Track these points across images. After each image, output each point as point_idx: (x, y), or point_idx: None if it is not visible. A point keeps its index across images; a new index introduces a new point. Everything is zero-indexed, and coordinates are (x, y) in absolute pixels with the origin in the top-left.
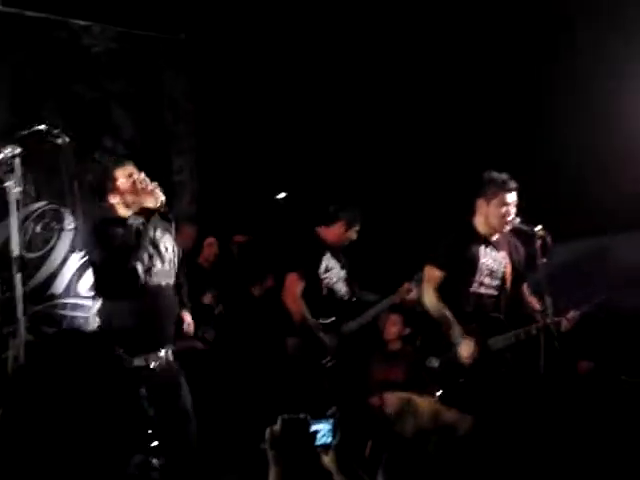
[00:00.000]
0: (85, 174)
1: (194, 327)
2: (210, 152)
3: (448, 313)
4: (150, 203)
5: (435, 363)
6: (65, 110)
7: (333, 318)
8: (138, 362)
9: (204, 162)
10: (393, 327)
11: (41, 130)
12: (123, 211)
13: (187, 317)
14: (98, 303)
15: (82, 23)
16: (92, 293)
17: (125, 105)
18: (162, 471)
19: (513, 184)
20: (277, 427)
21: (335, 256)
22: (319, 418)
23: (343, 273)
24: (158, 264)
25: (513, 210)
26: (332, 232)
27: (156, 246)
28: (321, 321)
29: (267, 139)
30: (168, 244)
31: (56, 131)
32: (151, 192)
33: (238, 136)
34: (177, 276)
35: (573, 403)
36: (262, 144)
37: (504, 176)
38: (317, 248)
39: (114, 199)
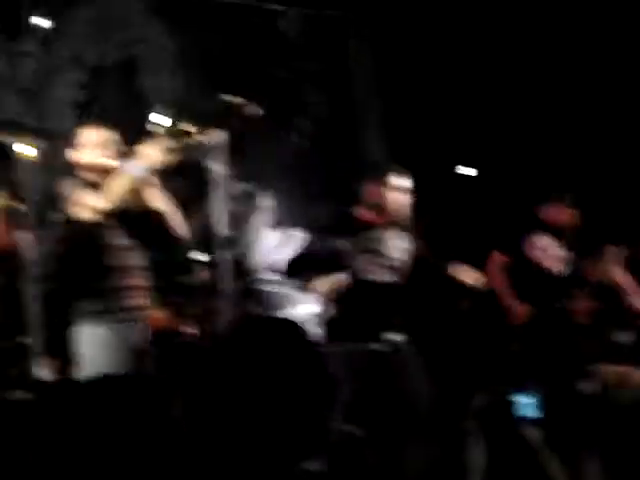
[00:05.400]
0: (279, 153)
1: None
2: (398, 128)
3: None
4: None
5: (624, 337)
6: (261, 91)
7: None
8: (373, 346)
9: (393, 138)
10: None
11: (237, 103)
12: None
13: None
14: None
15: (276, 7)
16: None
17: (317, 85)
18: (363, 442)
19: None
20: (482, 400)
21: (554, 235)
22: (523, 392)
23: (561, 253)
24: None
25: None
26: (545, 210)
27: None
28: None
29: (456, 113)
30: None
31: (250, 103)
32: None
33: (426, 112)
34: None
35: None
36: (451, 119)
37: None
38: (530, 227)
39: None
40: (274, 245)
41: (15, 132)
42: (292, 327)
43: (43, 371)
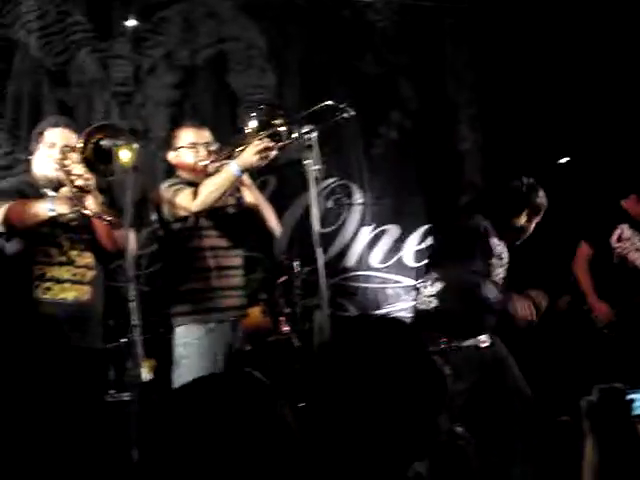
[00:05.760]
0: (371, 148)
1: None
2: (493, 120)
3: None
4: None
5: None
6: (352, 86)
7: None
8: (467, 342)
9: (488, 130)
10: None
11: (329, 105)
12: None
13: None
14: (436, 286)
15: (365, 0)
16: (383, 265)
17: (410, 77)
18: (467, 440)
19: None
20: (593, 397)
21: (636, 227)
22: (635, 388)
23: None
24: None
25: None
26: (629, 203)
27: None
28: None
29: (551, 106)
30: (505, 253)
31: (342, 105)
32: None
33: (521, 103)
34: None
35: None
36: (546, 111)
37: None
38: (612, 218)
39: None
40: (367, 241)
41: (111, 134)
42: (395, 324)
43: (141, 372)
